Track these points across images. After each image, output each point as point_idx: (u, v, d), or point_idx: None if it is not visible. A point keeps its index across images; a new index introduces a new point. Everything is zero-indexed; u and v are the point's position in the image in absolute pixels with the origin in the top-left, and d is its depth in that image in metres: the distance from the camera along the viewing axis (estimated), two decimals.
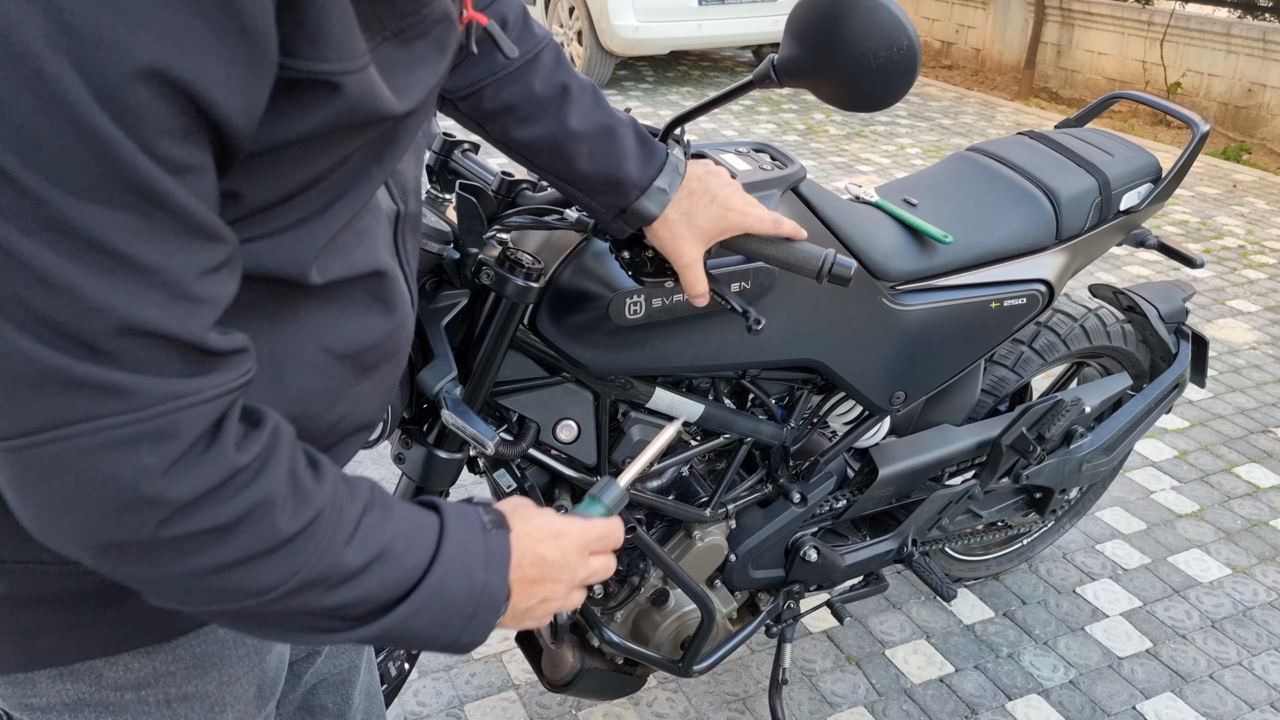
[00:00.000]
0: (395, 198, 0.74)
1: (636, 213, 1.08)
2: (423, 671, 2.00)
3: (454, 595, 0.66)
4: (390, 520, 0.66)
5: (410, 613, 0.64)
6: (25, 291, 0.47)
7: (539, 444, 1.39)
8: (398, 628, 0.64)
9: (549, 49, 1.05)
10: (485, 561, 0.69)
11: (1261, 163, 6.14)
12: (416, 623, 0.65)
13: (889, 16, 0.98)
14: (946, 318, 1.62)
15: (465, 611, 0.67)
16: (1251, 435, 3.07)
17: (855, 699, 2.00)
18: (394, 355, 0.76)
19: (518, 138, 1.05)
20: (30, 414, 0.50)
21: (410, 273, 0.78)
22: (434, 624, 0.66)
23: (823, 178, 5.28)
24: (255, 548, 0.57)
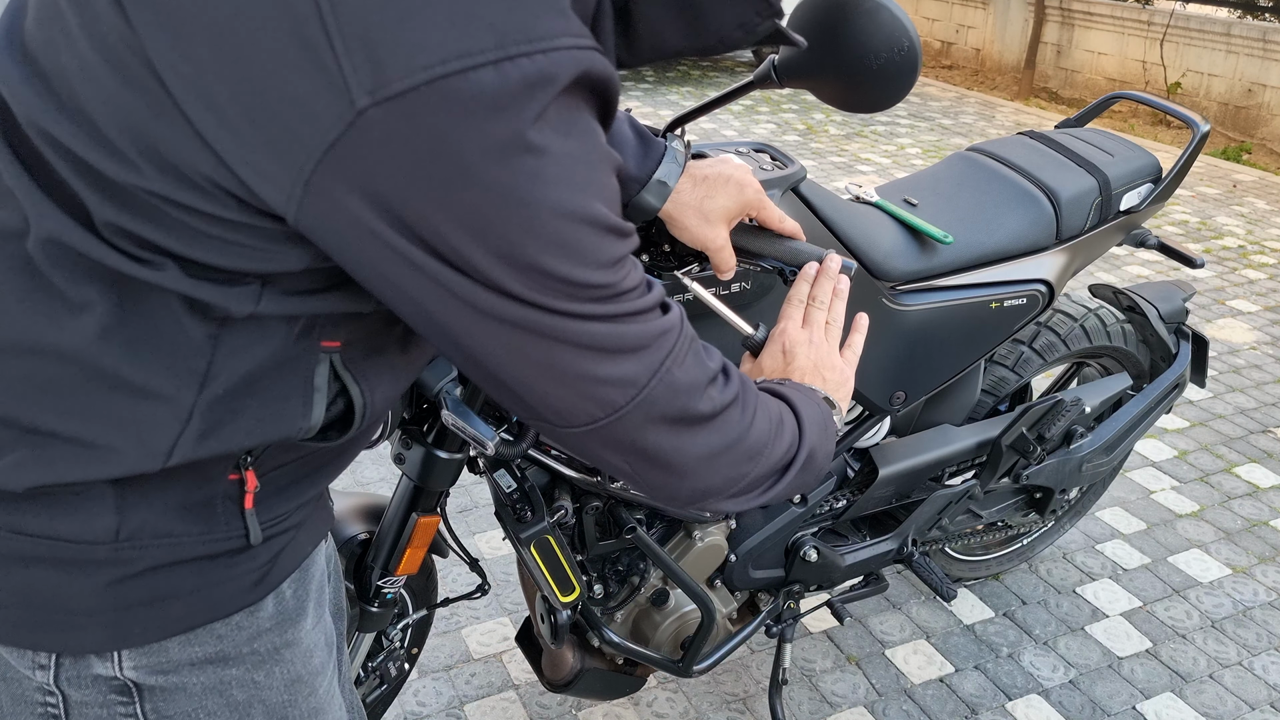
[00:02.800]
0: None
1: (638, 206, 1.08)
2: (423, 671, 2.00)
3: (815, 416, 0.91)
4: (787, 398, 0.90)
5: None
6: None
7: (539, 444, 1.39)
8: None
9: None
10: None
11: (1261, 163, 6.14)
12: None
13: (889, 17, 0.98)
14: (946, 318, 1.62)
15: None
16: (1251, 435, 3.07)
17: (855, 699, 2.00)
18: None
19: None
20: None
21: None
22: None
23: (823, 178, 5.28)
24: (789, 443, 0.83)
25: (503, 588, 2.24)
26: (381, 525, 1.36)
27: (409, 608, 1.57)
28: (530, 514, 1.39)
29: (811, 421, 0.89)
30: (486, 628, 2.12)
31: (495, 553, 2.36)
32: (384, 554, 1.36)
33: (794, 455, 0.86)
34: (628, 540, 1.50)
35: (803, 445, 0.86)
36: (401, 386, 0.80)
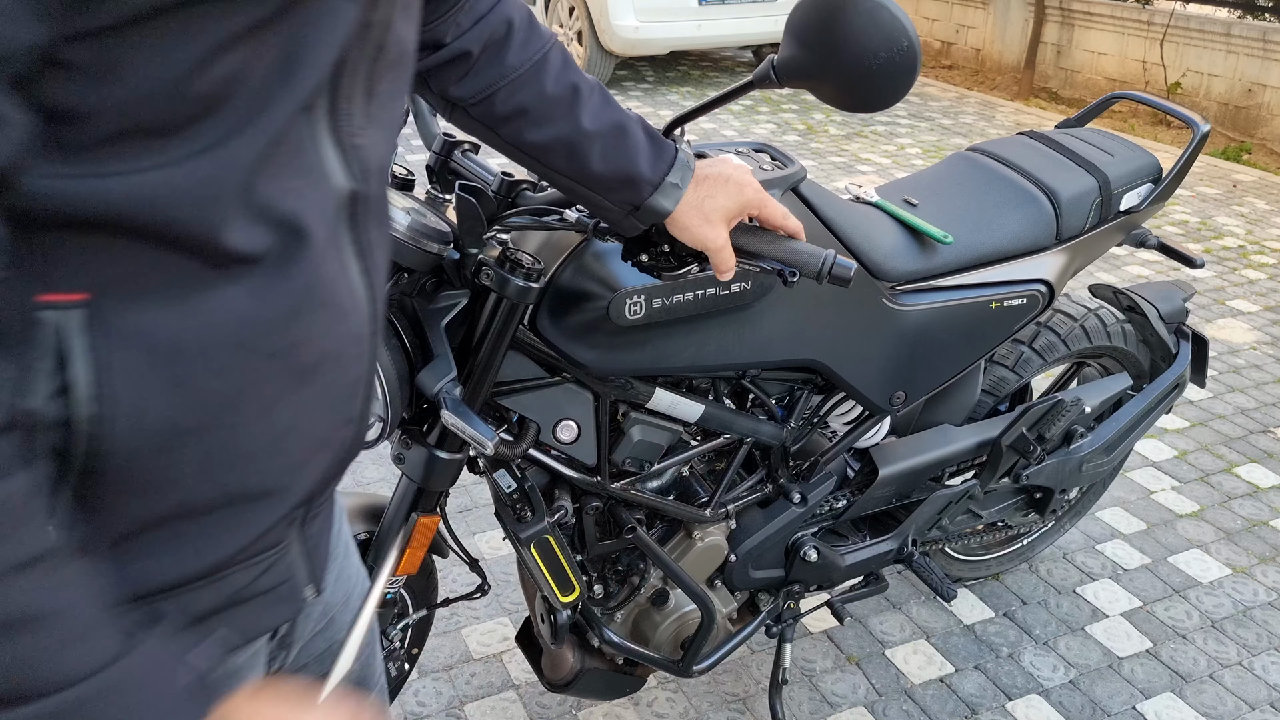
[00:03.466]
0: (352, 173, 0.64)
1: (650, 209, 1.08)
2: (423, 671, 2.00)
3: None
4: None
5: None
6: None
7: (539, 444, 1.39)
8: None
9: (556, 49, 1.05)
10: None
11: (1261, 163, 6.14)
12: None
13: (889, 17, 0.98)
14: (947, 318, 1.62)
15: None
16: (1251, 435, 3.07)
17: (855, 699, 2.00)
18: (338, 356, 0.66)
19: (531, 140, 1.04)
20: None
21: (373, 265, 0.68)
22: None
23: (823, 178, 5.28)
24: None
25: (503, 588, 2.25)
26: (381, 525, 1.36)
27: (409, 608, 1.57)
28: (530, 514, 1.39)
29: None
30: (486, 628, 2.12)
31: (495, 553, 2.36)
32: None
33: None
34: (628, 540, 1.50)
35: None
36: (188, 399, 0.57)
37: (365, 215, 0.66)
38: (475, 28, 0.99)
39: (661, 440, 1.45)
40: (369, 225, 0.67)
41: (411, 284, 1.23)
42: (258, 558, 0.66)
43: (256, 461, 0.62)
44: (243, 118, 0.54)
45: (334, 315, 0.64)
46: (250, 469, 0.62)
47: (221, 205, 0.54)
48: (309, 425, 0.65)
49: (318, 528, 0.74)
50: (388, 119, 0.67)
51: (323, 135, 0.60)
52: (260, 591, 0.68)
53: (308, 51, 0.56)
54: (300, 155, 0.59)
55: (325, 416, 0.66)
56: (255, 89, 0.54)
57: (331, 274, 0.63)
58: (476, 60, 1.00)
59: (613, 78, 7.31)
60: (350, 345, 0.66)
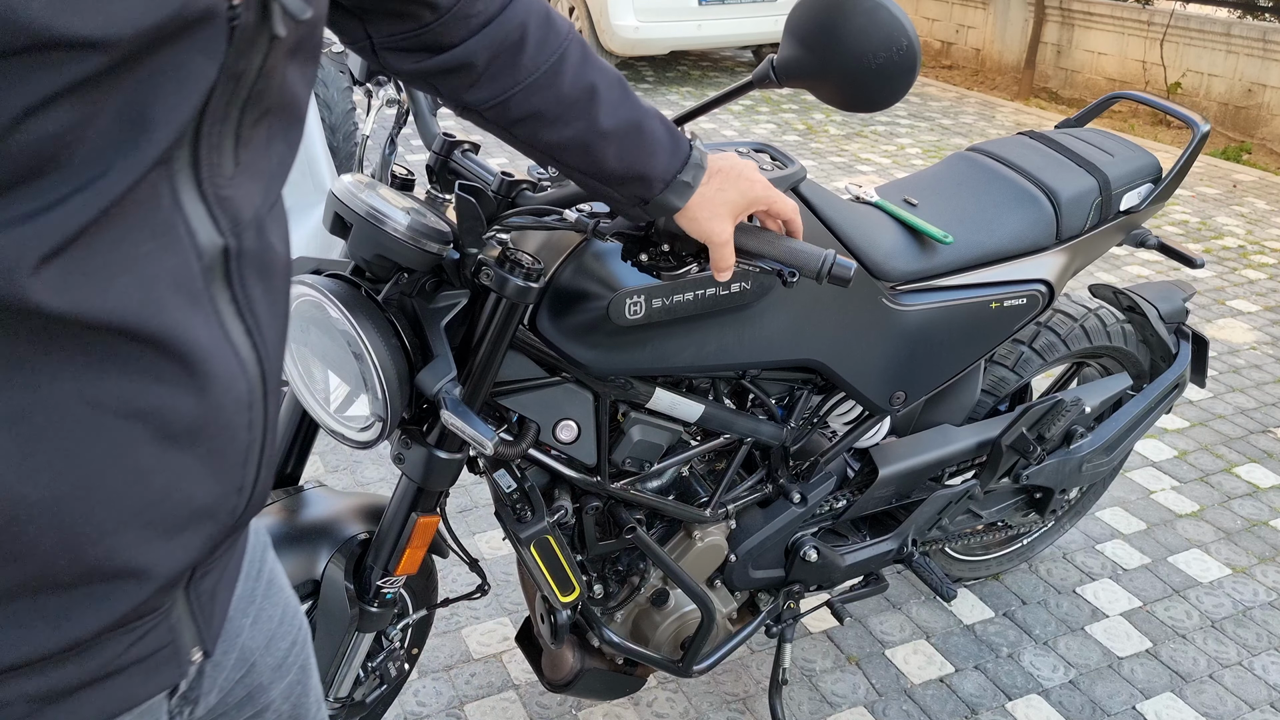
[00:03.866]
0: (221, 228, 0.59)
1: (659, 204, 1.07)
2: (423, 671, 2.00)
3: None
4: None
5: None
6: None
7: (539, 444, 1.39)
8: None
9: (573, 45, 1.01)
10: None
11: (1261, 163, 6.14)
12: None
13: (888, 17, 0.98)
14: (947, 318, 1.62)
15: None
16: (1251, 435, 3.07)
17: (855, 699, 2.00)
18: (218, 423, 0.61)
19: (546, 140, 1.03)
20: None
21: (259, 324, 0.63)
22: None
23: (823, 178, 5.28)
24: None
25: (503, 588, 2.24)
26: (381, 525, 1.36)
27: (409, 608, 1.57)
28: (530, 514, 1.39)
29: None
30: (486, 628, 2.12)
31: (495, 553, 2.36)
32: (384, 554, 1.36)
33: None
34: (628, 540, 1.50)
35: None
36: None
37: (244, 271, 0.62)
38: (483, 33, 0.95)
39: (661, 440, 1.45)
40: (250, 282, 0.62)
41: (411, 284, 1.22)
42: (129, 628, 0.62)
43: (121, 534, 0.58)
44: (78, 180, 0.50)
45: (207, 380, 0.59)
46: (115, 542, 0.58)
47: (42, 278, 0.50)
48: (185, 495, 0.61)
49: (211, 583, 0.70)
50: (265, 166, 0.62)
51: (185, 189, 0.56)
52: (134, 660, 0.64)
53: (157, 109, 0.51)
54: (153, 214, 0.54)
55: (207, 486, 0.62)
56: (93, 150, 0.50)
57: (196, 337, 0.58)
58: (485, 69, 0.97)
59: None
60: (234, 412, 0.62)
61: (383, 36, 0.94)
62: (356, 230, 1.16)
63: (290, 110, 0.64)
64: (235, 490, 0.65)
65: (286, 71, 0.61)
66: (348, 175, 1.21)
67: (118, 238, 0.53)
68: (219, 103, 0.56)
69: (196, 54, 0.52)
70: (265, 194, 0.63)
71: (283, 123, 0.63)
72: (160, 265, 0.55)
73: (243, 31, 0.54)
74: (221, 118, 0.56)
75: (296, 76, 0.63)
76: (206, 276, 0.59)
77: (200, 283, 0.58)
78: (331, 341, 1.23)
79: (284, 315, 0.68)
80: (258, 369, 0.64)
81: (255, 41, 0.56)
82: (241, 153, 0.59)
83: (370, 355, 1.17)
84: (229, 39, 0.54)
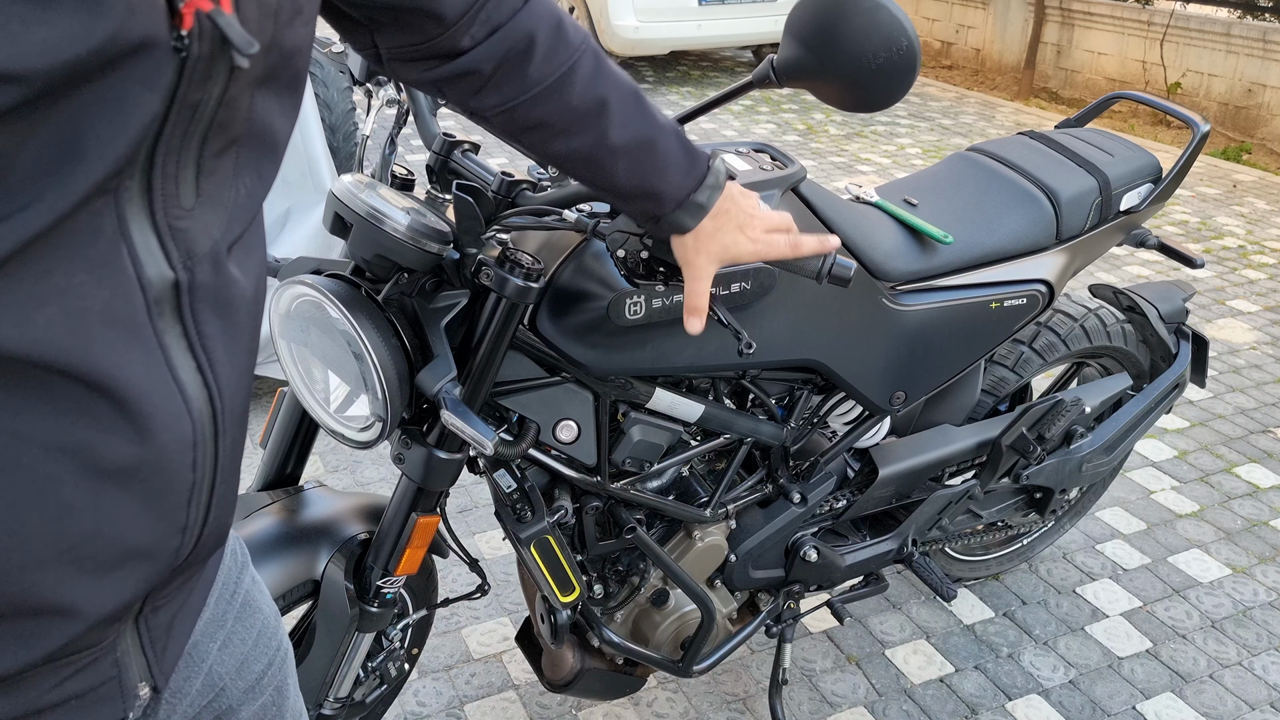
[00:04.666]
0: (173, 261, 0.56)
1: (670, 223, 1.06)
2: (423, 671, 2.00)
3: None
4: None
5: None
6: None
7: (539, 444, 1.39)
8: None
9: (586, 58, 0.99)
10: None
11: (1261, 163, 6.14)
12: None
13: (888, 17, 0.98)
14: (946, 318, 1.62)
15: None
16: (1251, 435, 3.07)
17: (855, 699, 2.00)
18: (157, 463, 0.59)
19: (554, 150, 1.02)
20: None
21: (213, 361, 0.61)
22: None
23: (823, 178, 5.28)
24: None
25: (503, 588, 2.24)
26: (381, 525, 1.36)
27: (409, 608, 1.57)
28: (530, 514, 1.39)
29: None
30: (486, 628, 2.12)
31: (495, 553, 2.36)
32: (384, 554, 1.36)
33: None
34: (628, 540, 1.50)
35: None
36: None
37: (199, 306, 0.59)
38: (491, 39, 0.93)
39: (661, 440, 1.45)
40: (204, 317, 0.60)
41: (411, 284, 1.22)
42: (63, 662, 0.60)
43: (43, 570, 0.56)
44: (1, 211, 0.48)
45: (143, 419, 0.57)
46: (36, 578, 0.56)
47: None
48: (118, 534, 0.58)
49: (167, 617, 0.68)
50: (228, 198, 0.60)
51: (134, 219, 0.54)
52: (69, 696, 0.62)
53: (88, 143, 0.50)
54: (91, 245, 0.52)
55: (143, 526, 0.59)
56: (18, 180, 0.48)
57: (133, 375, 0.56)
58: (492, 76, 0.96)
59: None
60: (176, 452, 0.59)
61: (390, 47, 0.94)
62: (356, 230, 1.16)
63: (262, 141, 0.61)
64: (177, 531, 0.62)
65: (254, 101, 0.59)
66: (348, 175, 1.21)
67: (46, 268, 0.51)
68: (174, 132, 0.54)
69: (134, 85, 0.50)
70: (227, 226, 0.61)
71: (252, 154, 0.61)
72: (93, 298, 0.53)
73: (195, 62, 0.52)
74: (178, 148, 0.55)
75: (270, 106, 0.61)
76: (154, 310, 0.57)
77: (143, 316, 0.56)
78: (331, 341, 1.23)
79: (247, 351, 0.65)
80: (207, 407, 0.61)
81: (211, 73, 0.54)
82: (204, 183, 0.57)
83: (370, 355, 1.17)
84: (179, 70, 0.52)
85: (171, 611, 0.69)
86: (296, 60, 0.62)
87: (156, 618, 0.67)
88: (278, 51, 0.59)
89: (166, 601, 0.68)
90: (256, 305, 0.66)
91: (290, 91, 0.63)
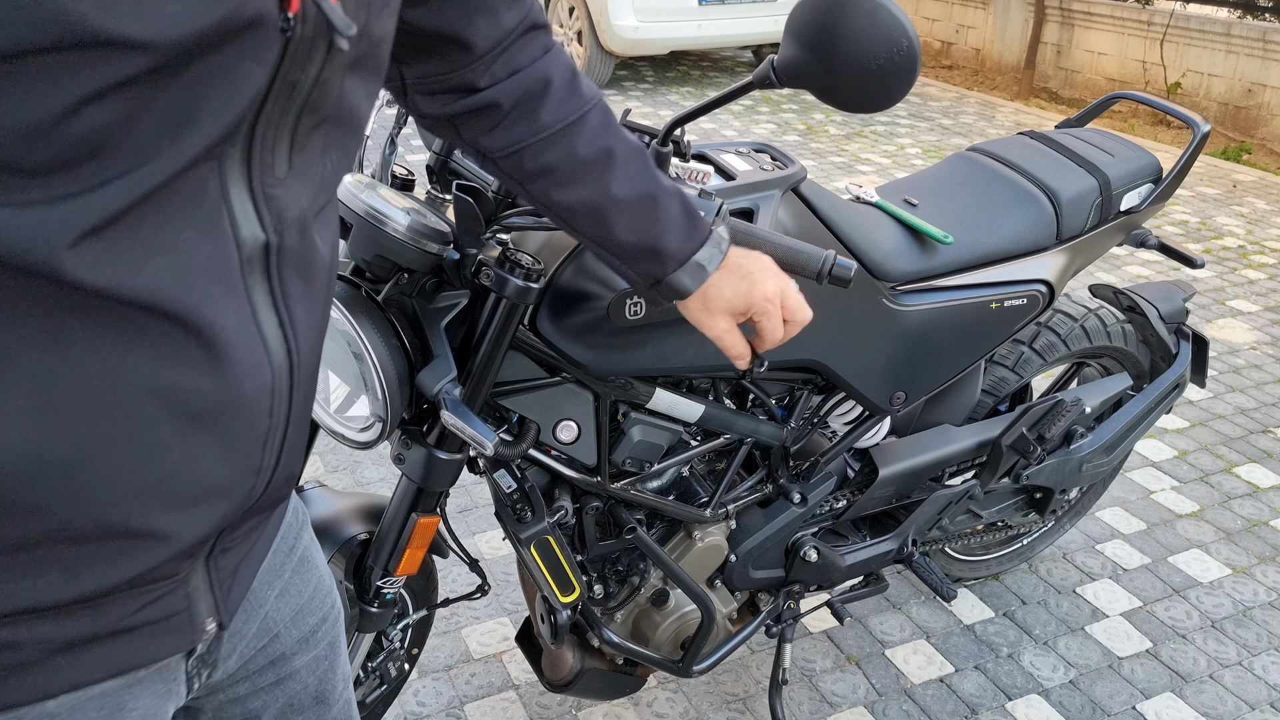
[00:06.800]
0: (265, 225, 0.62)
1: (671, 285, 1.06)
2: (423, 671, 2.00)
3: None
4: None
5: None
6: None
7: (539, 444, 1.39)
8: None
9: (597, 111, 1.02)
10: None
11: (1261, 163, 6.14)
12: None
13: (889, 17, 0.98)
14: (947, 318, 1.62)
15: None
16: (1251, 435, 3.07)
17: (855, 699, 2.00)
18: (239, 407, 0.64)
19: (557, 200, 1.03)
20: None
21: (293, 318, 0.66)
22: None
23: (823, 178, 5.28)
24: None
25: (503, 588, 2.25)
26: (381, 525, 1.36)
27: (409, 608, 1.57)
28: (530, 514, 1.39)
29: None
30: (486, 628, 2.12)
31: (495, 553, 2.36)
32: (384, 554, 1.36)
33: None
34: (628, 540, 1.50)
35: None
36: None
37: (285, 267, 0.65)
38: (510, 80, 0.96)
39: (661, 440, 1.45)
40: (289, 278, 0.65)
41: (411, 284, 1.22)
42: (144, 589, 0.65)
43: (134, 501, 0.61)
44: (119, 169, 0.53)
45: (230, 365, 0.62)
46: (128, 508, 0.61)
47: (78, 254, 0.53)
48: (201, 472, 0.63)
49: (234, 561, 0.73)
50: (317, 173, 0.66)
51: (234, 184, 0.59)
52: (147, 622, 0.67)
53: (202, 111, 0.55)
54: (197, 205, 0.58)
55: (223, 465, 0.64)
56: (137, 143, 0.53)
57: (226, 325, 0.61)
58: (508, 114, 0.98)
59: (613, 78, 7.31)
60: (256, 398, 0.64)
61: (416, 77, 0.96)
62: (357, 230, 1.16)
63: (349, 122, 0.67)
64: (252, 472, 0.67)
65: (345, 84, 0.64)
66: (348, 175, 1.21)
67: (158, 223, 0.56)
68: (274, 108, 0.59)
69: (245, 60, 0.55)
70: (315, 198, 0.66)
71: (340, 133, 0.66)
72: (197, 252, 0.58)
73: (298, 43, 0.57)
74: (276, 123, 0.60)
75: (357, 90, 0.66)
76: (246, 268, 0.62)
77: (237, 273, 0.61)
78: (332, 342, 1.23)
79: (322, 313, 0.71)
80: (285, 360, 0.66)
81: (312, 53, 0.59)
82: (295, 157, 0.63)
83: (370, 355, 1.17)
84: (284, 48, 0.57)
85: (238, 556, 0.74)
86: (382, 49, 0.68)
87: (225, 559, 0.72)
88: (368, 39, 0.65)
89: (235, 545, 0.72)
90: (331, 272, 0.72)
91: (375, 77, 0.68)
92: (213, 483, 0.65)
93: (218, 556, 0.71)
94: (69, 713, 0.66)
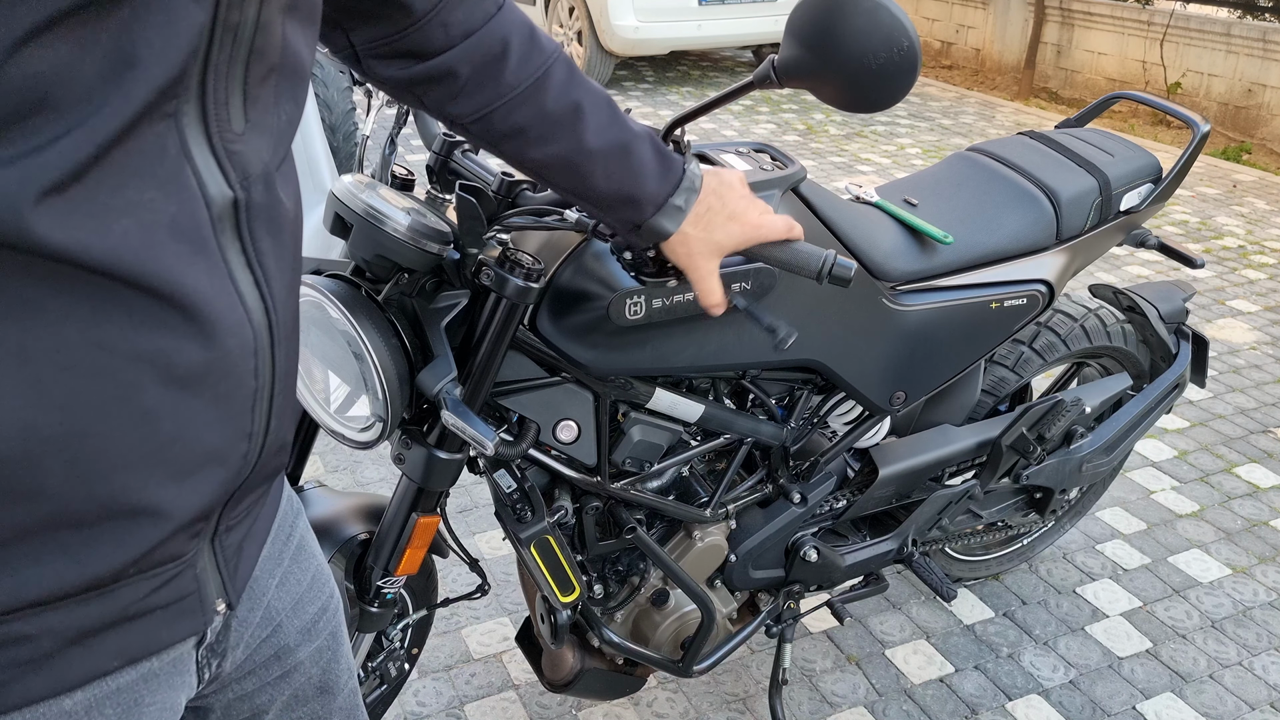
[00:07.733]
0: (231, 181, 0.61)
1: (652, 229, 1.08)
2: (423, 671, 2.00)
3: None
4: None
5: None
6: None
7: (539, 444, 1.39)
8: None
9: (559, 64, 1.02)
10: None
11: (1261, 163, 6.14)
12: None
13: (889, 17, 0.98)
14: (947, 318, 1.62)
15: None
16: (1251, 435, 3.07)
17: (855, 699, 2.00)
18: (225, 369, 0.63)
19: (532, 157, 1.03)
20: None
21: (268, 275, 0.66)
22: None
23: (823, 178, 5.28)
24: None
25: (503, 588, 2.25)
26: (381, 525, 1.36)
27: (409, 608, 1.57)
28: (530, 514, 1.39)
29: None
30: (486, 628, 2.12)
31: (495, 553, 2.36)
32: (384, 554, 1.36)
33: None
34: (628, 540, 1.50)
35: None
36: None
37: (254, 224, 0.64)
38: (465, 44, 0.96)
39: (661, 440, 1.45)
40: (259, 234, 0.65)
41: (411, 284, 1.23)
42: (152, 571, 0.65)
43: (133, 474, 0.60)
44: (72, 119, 0.52)
45: (211, 327, 0.61)
46: (126, 480, 0.60)
47: (43, 212, 0.52)
48: (194, 438, 0.63)
49: (237, 538, 0.73)
50: (273, 124, 0.65)
51: (194, 141, 0.59)
52: (158, 606, 0.67)
53: (143, 50, 0.54)
54: (159, 163, 0.57)
55: (215, 430, 0.64)
56: (83, 88, 0.52)
57: (201, 285, 0.60)
58: (467, 81, 0.98)
59: (613, 78, 7.31)
60: (240, 358, 0.64)
61: (364, 42, 0.95)
62: (357, 230, 1.16)
63: (294, 70, 0.66)
64: (244, 436, 0.67)
65: (285, 29, 0.63)
66: (348, 175, 1.21)
67: (119, 182, 0.55)
68: (219, 56, 0.58)
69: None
70: (274, 150, 0.66)
71: (289, 82, 0.66)
72: (162, 212, 0.58)
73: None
74: (225, 74, 0.59)
75: (297, 35, 0.66)
76: (216, 227, 0.61)
77: (208, 230, 0.61)
78: (332, 342, 1.23)
79: (292, 269, 0.70)
80: (264, 318, 0.66)
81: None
82: (250, 110, 0.62)
83: (370, 355, 1.17)
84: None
85: (240, 534, 0.74)
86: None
87: (229, 537, 0.72)
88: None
89: (237, 523, 0.73)
90: (297, 225, 0.71)
91: (310, 23, 0.68)
92: (207, 449, 0.64)
93: (222, 535, 0.71)
94: (86, 712, 0.65)
